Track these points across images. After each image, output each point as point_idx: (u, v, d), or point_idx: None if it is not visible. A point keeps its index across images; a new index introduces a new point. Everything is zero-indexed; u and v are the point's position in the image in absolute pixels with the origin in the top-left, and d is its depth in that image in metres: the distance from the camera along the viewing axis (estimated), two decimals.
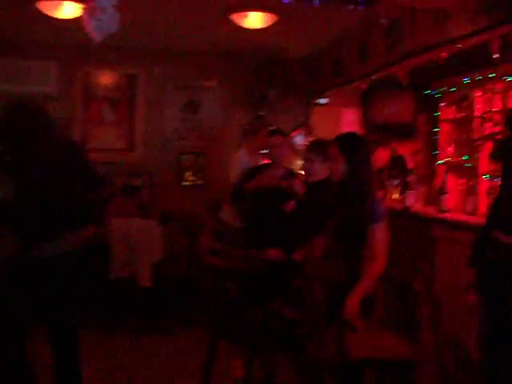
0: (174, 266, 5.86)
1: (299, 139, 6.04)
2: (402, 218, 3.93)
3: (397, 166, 5.58)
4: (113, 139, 6.34)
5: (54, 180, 2.99)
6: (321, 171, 3.89)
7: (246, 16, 4.63)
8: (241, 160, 5.03)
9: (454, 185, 4.64)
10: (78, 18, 3.88)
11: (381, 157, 5.63)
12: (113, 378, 4.30)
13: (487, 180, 4.37)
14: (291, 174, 4.46)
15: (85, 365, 3.35)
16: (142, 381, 4.28)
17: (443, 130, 5.27)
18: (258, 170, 4.62)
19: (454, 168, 5.01)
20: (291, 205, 4.13)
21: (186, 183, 6.47)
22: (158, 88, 6.36)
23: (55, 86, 6.12)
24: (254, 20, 4.67)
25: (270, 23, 4.71)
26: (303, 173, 4.25)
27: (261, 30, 4.81)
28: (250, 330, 3.24)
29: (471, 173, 4.38)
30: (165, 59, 6.32)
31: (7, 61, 5.94)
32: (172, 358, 4.76)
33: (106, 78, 6.30)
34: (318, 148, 3.95)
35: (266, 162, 4.70)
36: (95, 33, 3.45)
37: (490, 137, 4.44)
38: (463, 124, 5.04)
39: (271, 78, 6.34)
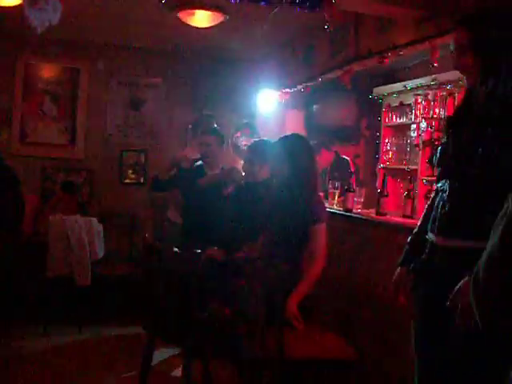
0: (113, 264, 5.78)
1: (243, 139, 6.04)
2: (342, 220, 3.99)
3: (339, 168, 5.67)
4: (53, 134, 6.18)
5: None
6: (261, 172, 3.92)
7: (193, 14, 4.61)
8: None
9: (393, 188, 4.76)
10: (20, 6, 3.77)
11: (324, 159, 5.70)
12: (50, 376, 4.22)
13: (425, 184, 4.51)
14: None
15: (20, 364, 3.27)
16: (79, 379, 4.21)
17: (384, 135, 5.40)
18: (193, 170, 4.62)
19: (394, 172, 5.14)
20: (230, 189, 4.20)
21: (128, 181, 6.39)
22: (101, 83, 6.25)
23: None
24: (201, 19, 4.65)
25: (216, 22, 4.70)
26: (244, 174, 4.28)
27: (208, 28, 4.80)
28: (189, 329, 3.22)
29: (410, 177, 4.50)
30: (109, 54, 6.22)
31: None
32: (110, 356, 4.70)
33: (47, 71, 6.13)
34: (259, 149, 3.98)
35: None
36: (36, 23, 3.36)
37: (429, 142, 4.58)
38: (403, 129, 5.17)
39: (217, 76, 6.33)
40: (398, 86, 5.12)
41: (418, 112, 4.83)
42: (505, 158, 2.00)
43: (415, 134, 4.88)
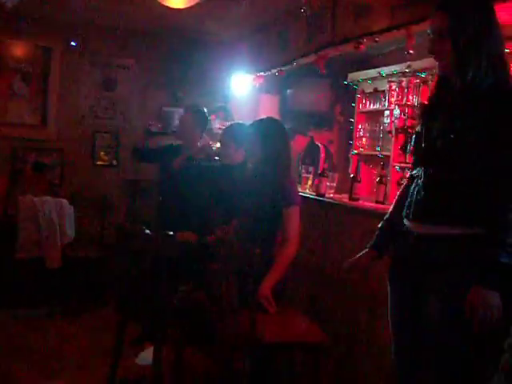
0: (84, 246, 5.75)
1: (217, 123, 6.03)
2: (314, 205, 4.01)
3: (312, 153, 5.70)
4: (24, 114, 6.07)
5: None
6: (236, 155, 3.92)
7: None
8: None
9: (366, 174, 4.79)
10: None
11: (298, 143, 5.72)
12: (22, 360, 4.19)
13: (398, 171, 4.55)
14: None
15: None
16: (49, 363, 4.19)
17: (358, 121, 5.42)
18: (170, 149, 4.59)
19: (367, 158, 5.17)
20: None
21: (100, 162, 6.32)
22: (74, 63, 6.15)
23: None
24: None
25: (192, 4, 4.65)
26: (218, 157, 4.28)
27: (183, 10, 4.74)
28: (161, 313, 3.22)
29: (383, 163, 4.54)
30: (82, 34, 6.11)
31: None
32: (80, 340, 4.69)
33: (18, 49, 5.99)
34: (233, 132, 3.98)
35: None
36: None
37: (402, 129, 4.61)
38: (377, 116, 5.19)
39: (191, 59, 6.27)
40: (373, 72, 5.12)
41: (391, 99, 4.85)
42: (478, 145, 2.03)
43: (388, 121, 4.90)
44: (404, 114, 4.66)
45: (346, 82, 5.53)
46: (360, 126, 5.38)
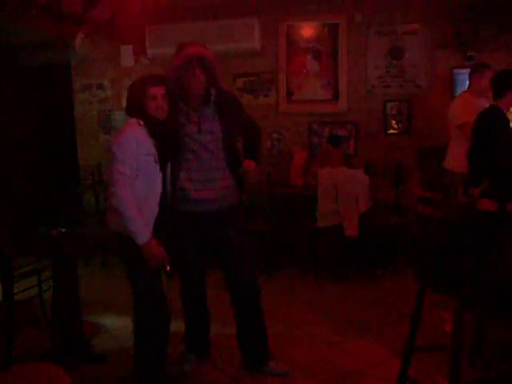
0: (380, 215, 5.83)
1: None
2: None
3: None
4: (317, 90, 6.41)
5: None
6: None
7: None
8: (471, 101, 4.97)
9: None
10: None
11: None
12: (325, 323, 4.48)
13: None
14: None
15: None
16: (349, 325, 4.41)
17: None
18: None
19: None
20: None
21: (392, 131, 6.33)
22: (360, 36, 6.25)
23: (259, 42, 6.32)
24: None
25: None
26: None
27: None
28: (462, 281, 3.12)
29: None
30: (365, 5, 6.16)
31: (216, 22, 6.25)
32: (375, 307, 4.82)
33: (307, 30, 6.35)
34: None
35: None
36: None
37: None
38: None
39: (482, 13, 5.86)
40: None
41: None
42: None
43: None
44: None
45: None
46: None
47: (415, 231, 4.36)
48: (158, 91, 3.14)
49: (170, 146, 3.24)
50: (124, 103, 6.88)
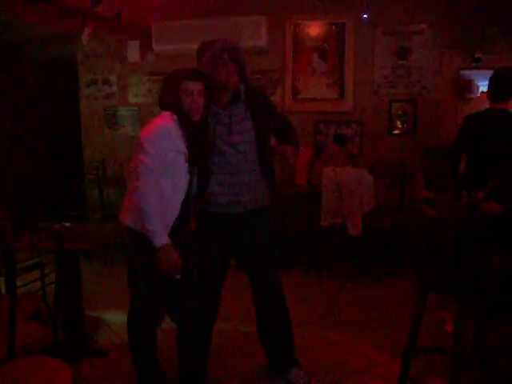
0: (383, 215, 5.83)
1: None
2: None
3: None
4: (323, 89, 6.41)
5: None
6: None
7: None
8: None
9: None
10: None
11: None
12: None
13: None
14: None
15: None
16: (353, 324, 4.41)
17: None
18: None
19: None
20: None
21: (397, 132, 6.33)
22: (366, 35, 6.24)
23: (266, 40, 6.32)
24: None
25: None
26: None
27: None
28: (464, 282, 3.12)
29: None
30: (372, 5, 6.15)
31: (223, 20, 6.26)
32: (377, 306, 4.82)
33: (314, 29, 6.35)
34: None
35: None
36: None
37: None
38: None
39: (489, 14, 5.84)
40: None
41: None
42: None
43: None
44: None
45: None
46: None
47: (418, 232, 4.38)
48: (194, 87, 2.93)
49: (201, 149, 3.05)
50: (131, 98, 6.96)
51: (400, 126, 6.30)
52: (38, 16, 5.38)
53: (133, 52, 6.91)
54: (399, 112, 6.28)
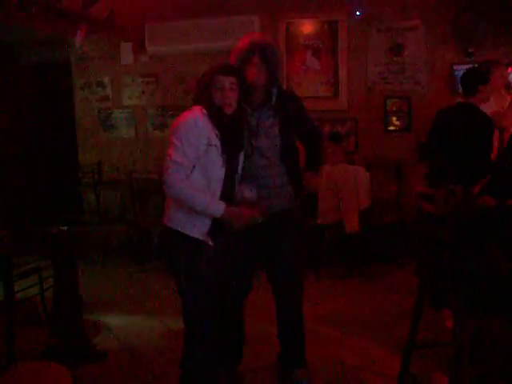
0: (381, 212, 5.84)
1: None
2: None
3: None
4: (317, 87, 6.40)
5: None
6: None
7: None
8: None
9: None
10: None
11: None
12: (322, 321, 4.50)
13: None
14: None
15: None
16: (348, 324, 4.42)
17: None
18: None
19: None
20: None
21: (392, 128, 6.33)
22: (359, 33, 6.24)
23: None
24: None
25: None
26: None
27: None
28: (463, 279, 3.12)
29: None
30: (365, 2, 6.14)
31: (216, 20, 6.25)
32: (376, 303, 4.82)
33: (307, 27, 6.34)
34: None
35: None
36: None
37: None
38: None
39: (482, 9, 5.85)
40: None
41: None
42: None
43: None
44: None
45: None
46: None
47: (416, 227, 4.38)
48: (226, 81, 2.83)
49: (236, 143, 2.93)
50: (125, 100, 6.95)
51: (395, 122, 6.30)
52: (32, 19, 5.38)
53: (126, 54, 6.89)
54: (394, 108, 6.28)
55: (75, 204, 7.13)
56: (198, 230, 2.84)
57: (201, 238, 2.84)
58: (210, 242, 2.86)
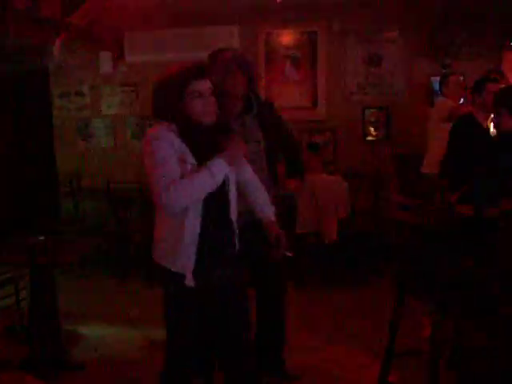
0: (359, 221, 5.86)
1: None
2: None
3: None
4: (296, 97, 6.44)
5: None
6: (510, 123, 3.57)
7: None
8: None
9: None
10: None
11: None
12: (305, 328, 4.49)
13: None
14: None
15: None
16: (328, 332, 4.42)
17: None
18: None
19: None
20: None
21: (370, 138, 6.38)
22: (338, 43, 6.29)
23: (239, 49, 6.33)
24: None
25: None
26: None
27: None
28: (441, 287, 3.14)
29: None
30: (344, 13, 6.21)
31: (196, 29, 6.27)
32: (355, 312, 4.84)
33: (286, 38, 6.39)
34: (507, 97, 3.64)
35: None
36: None
37: None
38: None
39: (456, 21, 5.93)
40: None
41: None
42: None
43: None
44: None
45: None
46: None
47: (393, 237, 4.40)
48: (205, 86, 2.37)
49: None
50: (104, 110, 6.91)
51: (373, 132, 6.35)
52: (10, 27, 5.34)
53: (105, 63, 6.86)
54: (372, 119, 6.33)
55: (53, 213, 7.06)
56: (180, 263, 2.47)
57: (181, 272, 2.47)
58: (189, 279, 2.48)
